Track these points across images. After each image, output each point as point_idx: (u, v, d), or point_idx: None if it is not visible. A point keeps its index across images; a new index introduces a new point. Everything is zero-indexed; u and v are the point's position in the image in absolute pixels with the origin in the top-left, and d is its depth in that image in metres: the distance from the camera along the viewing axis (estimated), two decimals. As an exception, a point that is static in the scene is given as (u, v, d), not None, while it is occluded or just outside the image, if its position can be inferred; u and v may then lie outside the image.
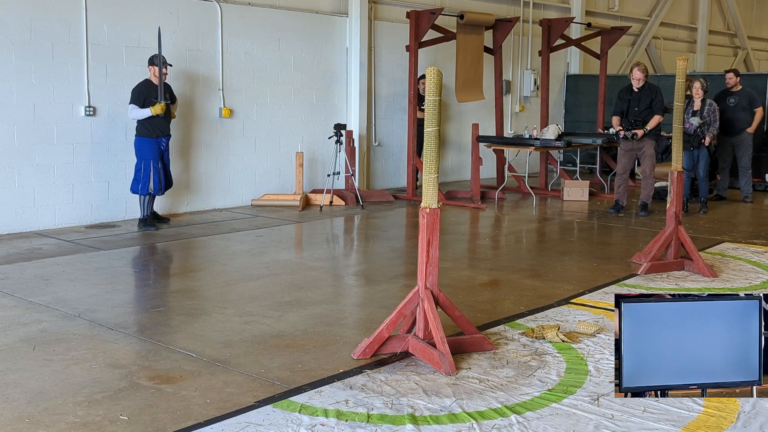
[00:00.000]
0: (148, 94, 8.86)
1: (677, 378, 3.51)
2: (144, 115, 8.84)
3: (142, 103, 8.83)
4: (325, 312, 5.86)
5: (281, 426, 3.85)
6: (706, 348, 3.49)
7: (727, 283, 6.85)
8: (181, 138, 10.07)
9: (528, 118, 14.91)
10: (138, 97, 8.86)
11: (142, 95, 8.86)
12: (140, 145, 8.96)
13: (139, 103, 8.84)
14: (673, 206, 7.21)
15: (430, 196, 4.67)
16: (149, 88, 8.92)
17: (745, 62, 21.74)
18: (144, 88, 8.91)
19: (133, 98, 8.89)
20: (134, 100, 8.87)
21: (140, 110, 8.84)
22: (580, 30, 15.15)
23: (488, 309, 5.96)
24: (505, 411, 4.05)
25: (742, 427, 3.91)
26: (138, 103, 8.84)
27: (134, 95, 8.90)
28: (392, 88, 12.76)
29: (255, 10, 10.81)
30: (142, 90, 8.89)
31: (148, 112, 8.82)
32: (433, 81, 4.55)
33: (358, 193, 11.02)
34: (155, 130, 8.94)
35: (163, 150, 9.08)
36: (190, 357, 4.83)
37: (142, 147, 8.95)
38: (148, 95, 8.85)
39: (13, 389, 4.30)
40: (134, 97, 8.88)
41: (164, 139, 9.06)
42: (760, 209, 11.42)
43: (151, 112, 8.81)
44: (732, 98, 11.71)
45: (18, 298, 6.08)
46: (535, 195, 11.78)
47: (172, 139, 9.38)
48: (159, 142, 8.99)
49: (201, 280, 6.91)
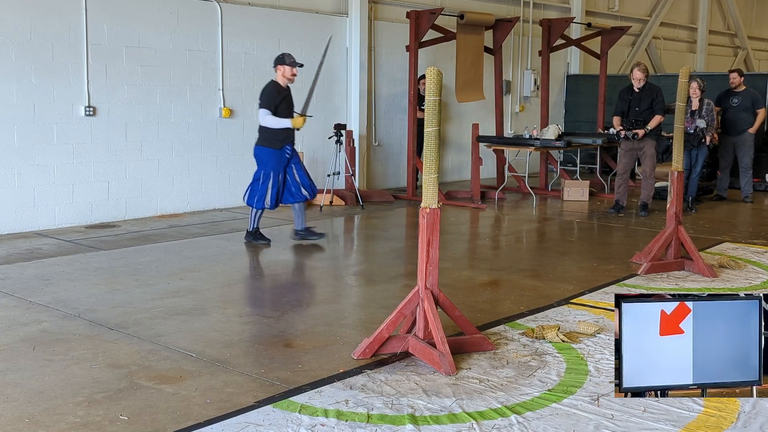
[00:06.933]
0: (279, 99, 7.94)
1: (677, 378, 3.51)
2: (280, 125, 7.88)
3: (274, 109, 7.89)
4: (325, 312, 5.86)
5: (281, 426, 3.85)
6: (706, 348, 3.49)
7: (727, 283, 6.85)
8: (181, 138, 10.07)
9: (528, 118, 14.91)
10: (270, 102, 7.87)
11: (273, 100, 7.89)
12: (262, 156, 8.03)
13: (272, 108, 7.87)
14: (673, 206, 7.21)
15: (430, 196, 4.67)
16: (279, 92, 7.96)
17: (745, 62, 21.73)
18: (275, 93, 7.93)
19: (264, 102, 7.91)
20: (266, 105, 7.88)
21: (276, 119, 7.86)
22: (580, 30, 15.15)
23: (488, 309, 5.96)
24: (505, 411, 4.05)
25: (742, 427, 3.91)
26: (270, 109, 7.86)
27: (265, 99, 7.91)
28: (392, 88, 12.76)
29: (255, 10, 10.81)
30: (273, 94, 7.92)
31: (288, 124, 7.89)
32: (433, 81, 4.55)
33: (358, 193, 11.02)
34: (281, 139, 7.97)
35: (288, 157, 8.09)
36: (190, 357, 4.82)
37: (264, 158, 8.01)
38: (279, 100, 7.93)
39: (13, 389, 4.30)
40: (266, 102, 7.89)
41: (288, 146, 8.06)
42: (760, 209, 11.42)
43: (292, 125, 7.91)
44: (735, 98, 11.71)
45: (18, 298, 6.08)
46: (535, 195, 11.78)
47: (173, 139, 9.39)
48: (283, 152, 8.03)
49: (201, 280, 6.91)
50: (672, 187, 7.22)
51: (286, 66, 7.96)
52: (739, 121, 11.65)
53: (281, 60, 8.02)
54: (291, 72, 7.99)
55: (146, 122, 9.72)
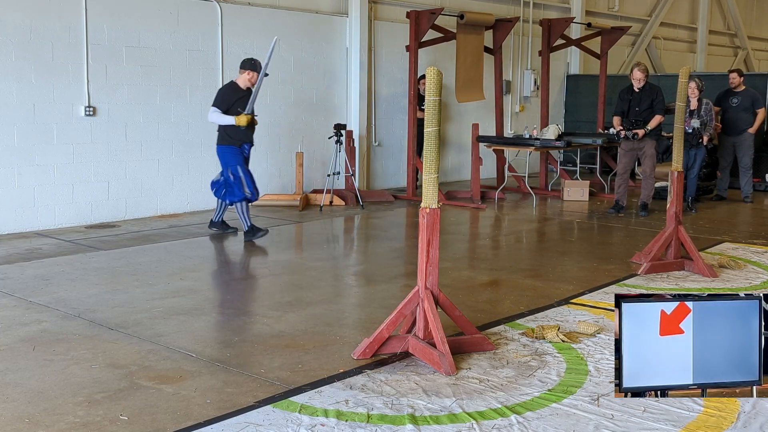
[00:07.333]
0: (233, 99, 8.27)
1: (677, 378, 3.51)
2: (225, 122, 8.24)
3: (225, 109, 8.24)
4: (325, 312, 5.86)
5: (281, 426, 3.85)
6: (706, 348, 3.49)
7: (727, 283, 6.85)
8: (181, 138, 10.07)
9: (528, 118, 14.91)
10: (222, 101, 8.26)
11: (226, 100, 8.26)
12: (223, 154, 8.39)
13: (223, 107, 8.24)
14: (673, 206, 7.21)
15: (430, 196, 4.67)
16: (236, 93, 8.32)
17: (745, 62, 21.74)
18: (230, 93, 8.31)
19: (217, 101, 8.30)
20: (218, 103, 8.27)
21: (222, 116, 8.22)
22: (580, 30, 15.15)
23: (488, 309, 5.96)
24: (505, 411, 4.05)
25: (742, 427, 3.91)
26: (221, 108, 8.24)
27: (218, 98, 8.31)
28: (392, 88, 12.76)
29: (255, 10, 10.81)
30: (228, 94, 8.30)
31: (231, 121, 8.20)
32: (433, 81, 4.55)
33: (358, 193, 11.02)
34: (238, 137, 8.32)
35: (246, 156, 8.46)
36: (190, 357, 4.82)
37: (226, 155, 8.37)
38: (233, 101, 8.26)
39: (13, 389, 4.30)
40: (218, 101, 8.29)
41: (247, 146, 8.43)
42: (760, 209, 11.42)
43: (236, 122, 8.19)
44: (735, 98, 11.71)
45: (18, 298, 6.08)
46: (535, 195, 11.78)
47: (173, 139, 9.38)
48: (242, 149, 8.39)
49: (201, 280, 6.91)
50: (672, 187, 7.23)
51: (255, 73, 8.32)
52: (739, 121, 11.65)
53: (252, 66, 8.37)
54: (254, 77, 8.36)
55: (146, 122, 9.72)
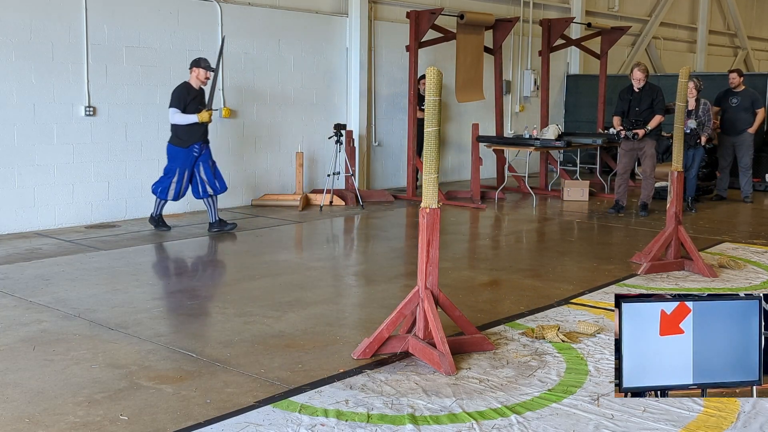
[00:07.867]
0: (188, 98, 8.54)
1: (677, 378, 3.51)
2: (188, 121, 8.49)
3: (183, 108, 8.50)
4: (325, 312, 5.86)
5: (281, 426, 3.85)
6: (706, 348, 3.49)
7: (727, 283, 6.85)
8: (181, 138, 10.07)
9: (528, 118, 14.91)
10: (179, 101, 8.50)
11: (183, 99, 8.51)
12: (171, 153, 8.68)
13: (180, 107, 8.49)
14: (673, 206, 7.21)
15: (430, 196, 4.67)
16: (189, 92, 8.59)
17: (745, 62, 21.74)
18: (185, 92, 8.57)
19: (173, 102, 8.53)
20: (175, 103, 8.51)
21: (184, 116, 8.48)
22: (580, 30, 15.15)
23: (488, 309, 5.96)
24: (505, 411, 4.05)
25: (742, 427, 3.91)
26: (179, 107, 8.49)
27: (174, 99, 8.54)
28: (392, 88, 12.76)
29: (255, 10, 10.81)
30: (183, 94, 8.55)
31: (194, 119, 8.47)
32: (433, 81, 4.55)
33: (358, 193, 11.02)
34: (189, 138, 8.56)
35: (197, 155, 8.66)
36: (190, 357, 4.82)
37: (173, 155, 8.66)
38: (189, 100, 8.54)
39: (13, 389, 4.30)
40: (175, 101, 8.52)
41: (197, 145, 8.64)
42: (760, 209, 11.42)
43: (198, 119, 8.47)
44: (735, 98, 11.71)
45: (18, 298, 6.08)
46: (535, 195, 11.78)
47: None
48: (191, 150, 8.61)
49: (201, 280, 6.91)
50: (672, 187, 7.23)
51: (201, 69, 8.60)
52: (739, 121, 11.65)
53: (197, 63, 8.64)
54: (205, 75, 8.63)
55: (146, 122, 9.72)
